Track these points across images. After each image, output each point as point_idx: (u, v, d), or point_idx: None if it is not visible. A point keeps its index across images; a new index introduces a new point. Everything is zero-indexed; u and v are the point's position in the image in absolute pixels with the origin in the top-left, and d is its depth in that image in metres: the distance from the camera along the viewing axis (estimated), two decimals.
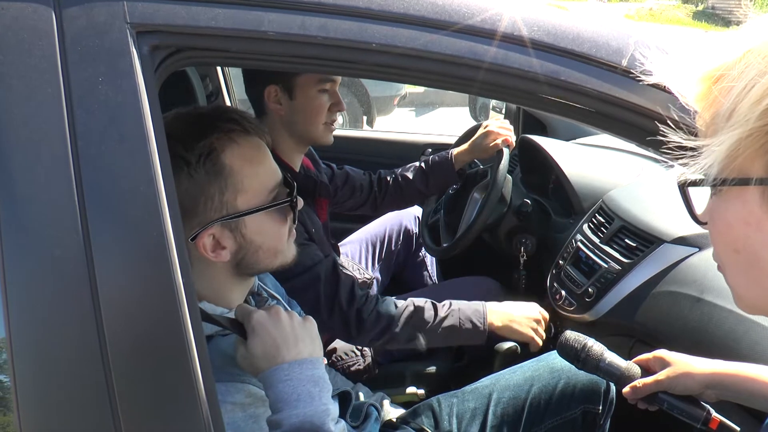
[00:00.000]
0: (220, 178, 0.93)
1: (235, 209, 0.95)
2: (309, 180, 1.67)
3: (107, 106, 0.69)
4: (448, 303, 1.56)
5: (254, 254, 0.99)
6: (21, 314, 0.68)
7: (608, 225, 1.70)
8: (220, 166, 0.93)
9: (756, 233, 0.54)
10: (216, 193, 0.94)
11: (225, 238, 0.96)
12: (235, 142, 0.95)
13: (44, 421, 0.70)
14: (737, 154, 0.53)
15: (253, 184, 0.96)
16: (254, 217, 0.97)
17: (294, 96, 1.57)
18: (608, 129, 0.84)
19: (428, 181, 2.04)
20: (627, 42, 0.78)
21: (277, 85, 1.56)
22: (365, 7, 0.74)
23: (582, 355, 1.15)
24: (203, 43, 0.74)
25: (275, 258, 1.02)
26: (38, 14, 0.68)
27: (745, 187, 0.53)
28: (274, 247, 1.01)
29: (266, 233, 0.99)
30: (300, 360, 0.91)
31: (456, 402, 1.43)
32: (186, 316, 0.71)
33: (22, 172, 0.68)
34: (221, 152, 0.94)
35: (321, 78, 1.56)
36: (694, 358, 1.08)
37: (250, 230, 0.97)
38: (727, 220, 0.57)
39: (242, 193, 0.95)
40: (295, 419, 0.87)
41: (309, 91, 1.57)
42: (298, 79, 1.55)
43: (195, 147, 0.92)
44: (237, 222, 0.96)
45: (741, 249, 0.56)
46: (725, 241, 0.58)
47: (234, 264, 0.99)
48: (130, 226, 0.70)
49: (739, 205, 0.55)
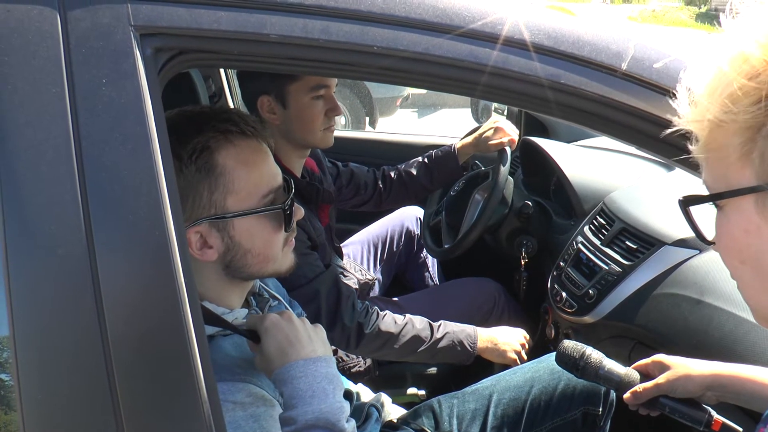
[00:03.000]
0: (210, 176, 0.93)
1: (224, 210, 0.94)
2: (311, 187, 1.68)
3: (111, 107, 0.69)
4: (442, 324, 1.64)
5: (243, 258, 0.97)
6: (24, 313, 0.69)
7: (609, 227, 1.70)
8: (212, 165, 0.93)
9: (756, 240, 0.55)
10: (205, 191, 0.93)
11: (212, 238, 0.95)
12: (232, 143, 0.95)
13: (47, 419, 0.71)
14: (726, 164, 0.54)
15: (246, 186, 0.95)
16: (243, 220, 0.95)
17: (287, 105, 1.56)
18: (608, 132, 0.85)
19: (432, 175, 2.05)
20: (627, 45, 0.79)
21: (269, 95, 1.55)
22: (367, 10, 0.75)
23: (581, 364, 1.16)
24: (206, 45, 0.75)
25: (266, 265, 1.00)
26: (43, 16, 0.69)
27: (741, 197, 0.54)
28: (264, 253, 0.99)
29: (256, 238, 0.97)
30: (315, 357, 0.92)
31: (456, 403, 1.43)
32: (188, 315, 0.72)
33: (26, 172, 0.68)
34: (216, 151, 0.93)
35: (313, 85, 1.54)
36: (692, 361, 1.09)
37: (238, 233, 0.96)
38: (729, 233, 0.58)
39: (233, 194, 0.94)
40: (311, 415, 0.87)
41: (302, 99, 1.55)
42: (290, 88, 1.54)
43: (189, 143, 0.92)
44: (225, 223, 0.95)
45: (746, 259, 0.57)
46: (731, 255, 0.59)
47: (223, 266, 0.98)
48: (133, 226, 0.70)
49: (738, 216, 0.56)
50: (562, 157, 2.02)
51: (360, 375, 1.81)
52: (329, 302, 1.52)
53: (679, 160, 0.84)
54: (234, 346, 0.97)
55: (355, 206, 2.07)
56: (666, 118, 0.78)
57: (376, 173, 2.06)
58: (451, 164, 2.02)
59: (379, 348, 1.57)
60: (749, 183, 0.53)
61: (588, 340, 1.68)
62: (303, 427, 0.87)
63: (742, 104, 0.51)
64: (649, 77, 0.77)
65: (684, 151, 0.82)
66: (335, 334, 1.52)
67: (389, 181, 2.06)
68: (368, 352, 1.63)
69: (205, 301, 0.97)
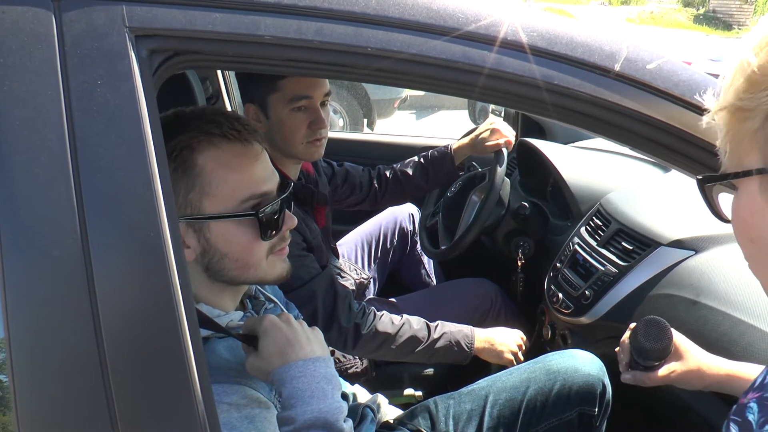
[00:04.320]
0: (187, 176, 0.92)
1: (199, 211, 0.93)
2: (306, 189, 1.68)
3: (106, 108, 0.70)
4: (439, 324, 1.65)
5: (220, 262, 0.96)
6: (20, 314, 0.69)
7: (605, 228, 1.70)
8: (191, 165, 0.92)
9: (761, 221, 0.57)
10: (181, 190, 0.92)
11: (189, 237, 0.94)
12: (215, 145, 0.93)
13: (42, 421, 0.71)
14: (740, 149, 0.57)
15: (223, 190, 0.93)
16: (219, 224, 0.94)
17: (269, 115, 1.55)
18: (601, 133, 0.85)
19: (428, 175, 2.05)
20: (620, 46, 0.79)
21: (254, 104, 1.55)
22: (361, 11, 0.75)
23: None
24: (201, 46, 0.75)
25: (245, 271, 0.98)
26: (38, 18, 0.69)
27: (749, 178, 0.57)
28: (242, 260, 0.97)
29: (232, 243, 0.95)
30: (314, 358, 0.92)
31: (453, 403, 1.43)
32: (183, 317, 0.72)
33: (21, 173, 0.68)
34: (197, 151, 0.92)
35: (291, 96, 1.52)
36: (705, 355, 1.08)
37: (214, 236, 0.95)
38: (739, 213, 0.60)
39: (209, 196, 0.93)
40: (309, 415, 0.87)
41: (281, 110, 1.53)
42: (270, 99, 1.53)
43: (171, 141, 0.91)
44: (201, 224, 0.94)
45: (755, 238, 0.59)
46: (742, 233, 0.61)
47: (204, 267, 0.97)
48: (128, 227, 0.70)
49: (746, 197, 0.58)
50: (558, 158, 2.03)
51: (357, 376, 1.82)
52: (326, 303, 1.52)
53: (674, 161, 0.85)
54: (228, 349, 0.98)
55: (351, 206, 2.08)
56: (659, 119, 0.79)
57: (371, 173, 2.06)
58: (447, 165, 2.02)
59: (377, 348, 1.58)
60: (756, 165, 0.56)
61: (584, 340, 1.69)
62: (302, 427, 0.88)
63: (756, 91, 0.54)
64: (642, 78, 0.78)
65: (679, 153, 0.82)
66: (332, 335, 1.53)
67: (384, 181, 2.06)
68: (365, 353, 1.63)
69: (201, 303, 0.97)
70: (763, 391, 0.54)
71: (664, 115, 0.79)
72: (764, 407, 0.53)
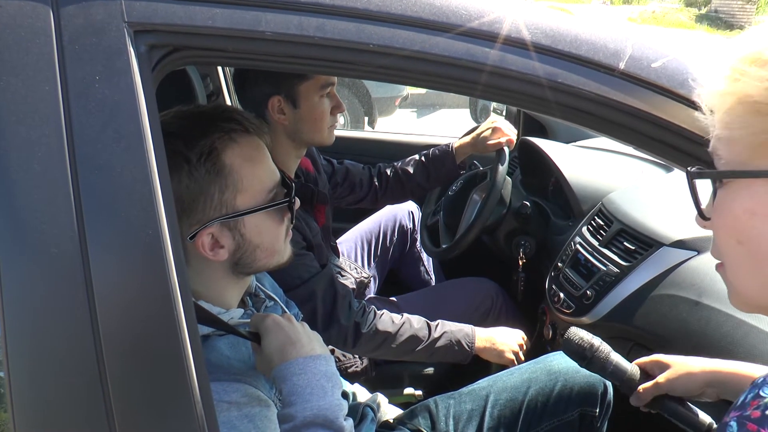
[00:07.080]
0: (220, 177, 0.94)
1: (234, 209, 0.95)
2: (306, 188, 1.67)
3: (104, 104, 0.69)
4: (440, 323, 1.65)
5: (252, 253, 0.99)
6: (17, 312, 0.68)
7: (607, 228, 1.70)
8: (221, 165, 0.93)
9: (762, 224, 0.56)
10: (216, 192, 0.94)
11: (224, 237, 0.96)
12: (236, 141, 0.95)
13: (39, 419, 0.70)
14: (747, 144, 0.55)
15: (253, 183, 0.96)
16: (253, 217, 0.97)
17: (298, 105, 1.55)
18: (605, 132, 0.84)
19: (429, 174, 2.04)
20: (625, 44, 0.78)
21: (279, 95, 1.54)
22: (363, 8, 0.74)
23: (588, 355, 1.14)
24: (200, 42, 0.74)
25: (272, 257, 1.02)
26: (36, 13, 0.68)
27: (753, 179, 0.55)
28: (271, 247, 1.01)
29: (264, 233, 0.99)
30: (314, 355, 0.93)
31: (453, 403, 1.43)
32: (181, 314, 0.71)
33: (18, 169, 0.68)
34: (222, 151, 0.94)
35: (322, 83, 1.55)
36: (692, 359, 1.08)
37: (248, 230, 0.97)
38: (733, 212, 0.58)
39: (242, 192, 0.95)
40: (309, 412, 0.88)
41: (312, 97, 1.55)
42: (300, 87, 1.54)
43: (196, 145, 0.92)
44: (236, 221, 0.96)
45: (744, 240, 0.57)
46: (729, 233, 0.59)
47: (232, 263, 0.99)
48: (126, 224, 0.70)
49: (747, 197, 0.56)
50: (560, 157, 2.02)
51: (357, 375, 1.81)
52: (325, 302, 1.52)
53: (678, 160, 0.84)
54: (229, 346, 0.97)
55: (351, 204, 2.07)
56: (663, 117, 0.78)
57: (371, 171, 2.06)
58: (448, 163, 2.01)
59: (377, 347, 1.58)
60: (766, 166, 0.54)
61: None
62: (301, 424, 0.88)
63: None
64: (647, 77, 0.77)
65: (683, 153, 0.81)
66: (332, 334, 1.52)
67: (385, 179, 2.05)
68: (366, 352, 1.63)
69: (201, 300, 0.97)
70: (743, 410, 0.53)
71: (669, 113, 0.78)
72: (743, 426, 0.52)
